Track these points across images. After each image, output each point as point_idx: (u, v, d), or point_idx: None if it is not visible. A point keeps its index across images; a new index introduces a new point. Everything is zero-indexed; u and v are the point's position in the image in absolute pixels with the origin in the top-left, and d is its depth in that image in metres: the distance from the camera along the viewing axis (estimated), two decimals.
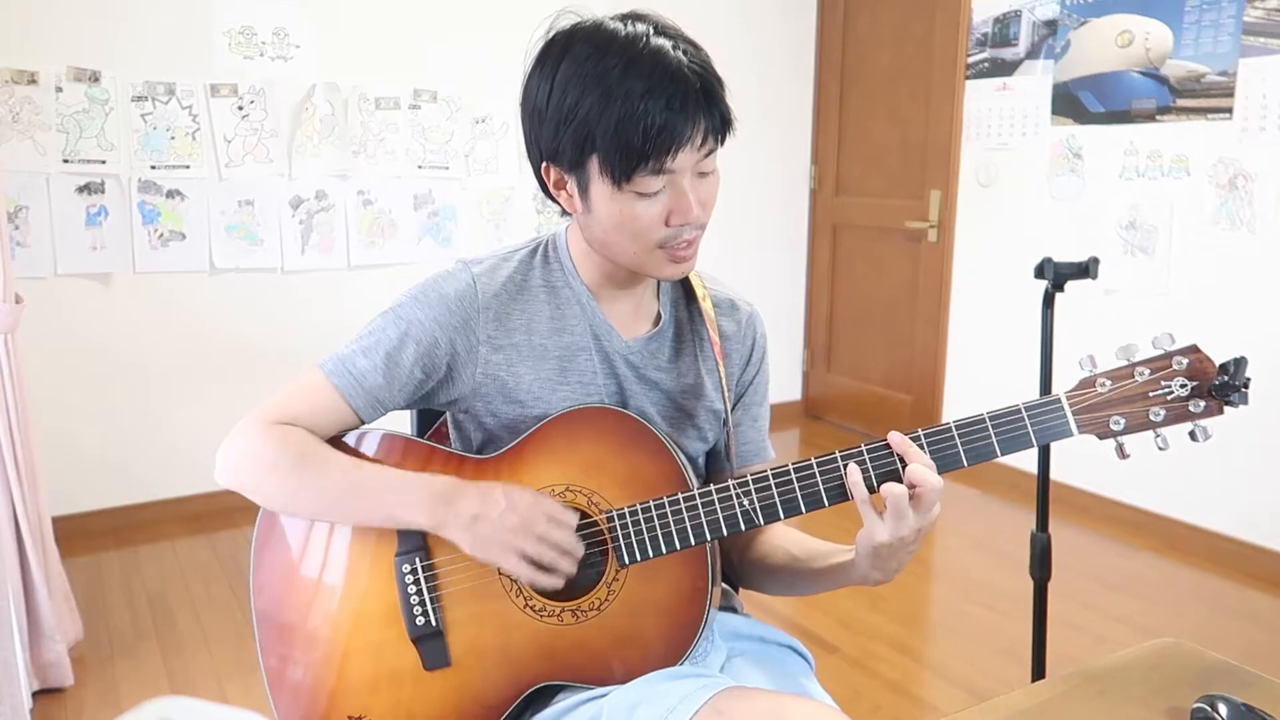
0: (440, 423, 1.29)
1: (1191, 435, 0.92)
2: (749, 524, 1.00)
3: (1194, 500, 3.15)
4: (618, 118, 0.96)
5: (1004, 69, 3.62)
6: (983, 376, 3.86)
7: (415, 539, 1.07)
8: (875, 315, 4.37)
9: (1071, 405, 0.94)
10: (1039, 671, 1.93)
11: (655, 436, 1.06)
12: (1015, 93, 3.59)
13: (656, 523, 1.02)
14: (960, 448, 0.96)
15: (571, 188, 1.05)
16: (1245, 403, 0.90)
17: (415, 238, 3.67)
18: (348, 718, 1.07)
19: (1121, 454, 0.95)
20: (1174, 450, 0.95)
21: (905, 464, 0.95)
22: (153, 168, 3.18)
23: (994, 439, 0.95)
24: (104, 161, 3.11)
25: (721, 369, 1.16)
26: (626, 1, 1.13)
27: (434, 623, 1.06)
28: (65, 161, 3.06)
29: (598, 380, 1.13)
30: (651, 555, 1.02)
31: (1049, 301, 1.78)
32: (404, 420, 1.32)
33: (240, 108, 3.30)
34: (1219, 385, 0.91)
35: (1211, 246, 3.05)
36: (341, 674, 1.08)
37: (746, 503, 1.00)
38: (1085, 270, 1.71)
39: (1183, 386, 0.92)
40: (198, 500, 3.38)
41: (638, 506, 1.03)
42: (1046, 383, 1.77)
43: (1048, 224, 3.53)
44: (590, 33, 1.00)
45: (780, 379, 4.67)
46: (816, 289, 4.66)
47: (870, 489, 0.96)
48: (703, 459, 1.24)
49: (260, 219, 3.38)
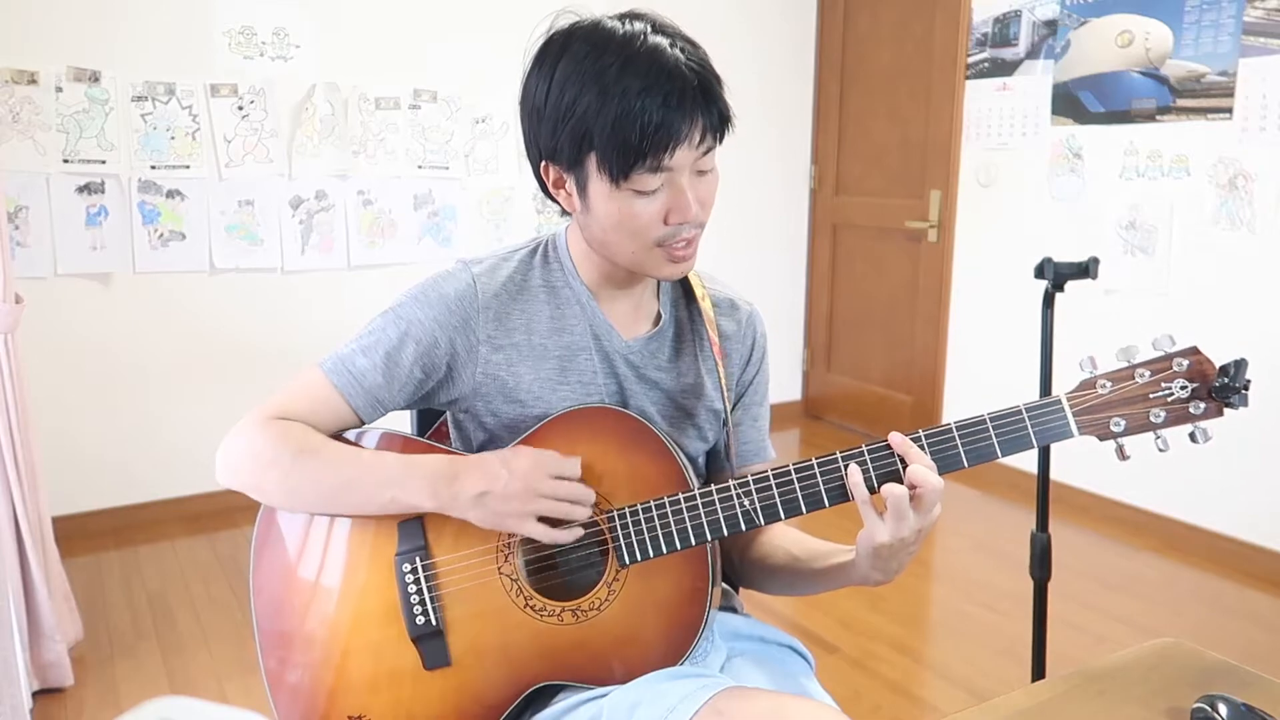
0: (440, 422, 1.29)
1: (1191, 437, 0.92)
2: (749, 524, 1.00)
3: (1194, 500, 3.15)
4: (615, 115, 0.96)
5: (1004, 69, 3.62)
6: (983, 376, 3.85)
7: (416, 538, 1.07)
8: (875, 315, 4.37)
9: (1072, 406, 0.94)
10: (1039, 671, 1.93)
11: (656, 436, 1.06)
12: (1015, 93, 3.59)
13: (657, 522, 1.02)
14: (961, 448, 0.96)
15: (570, 186, 1.05)
16: (1245, 405, 0.90)
17: (415, 238, 3.67)
18: (348, 717, 1.07)
19: (1121, 455, 0.95)
20: (1174, 450, 0.95)
21: (906, 465, 0.95)
22: (153, 168, 3.18)
23: (994, 440, 0.95)
24: (104, 161, 3.11)
25: (721, 369, 1.17)
26: (626, 1, 1.13)
27: (434, 622, 1.06)
28: (65, 161, 3.06)
29: (598, 380, 1.13)
30: (652, 555, 1.02)
31: (1049, 301, 1.78)
32: (404, 420, 1.32)
33: (240, 108, 3.30)
34: (1219, 387, 0.91)
35: (1211, 246, 3.05)
36: (341, 673, 1.08)
37: (747, 503, 1.00)
38: (1085, 270, 1.71)
39: (1183, 388, 0.92)
40: (198, 500, 3.38)
41: (638, 506, 1.03)
42: (1046, 383, 1.77)
43: (1048, 224, 3.53)
44: (588, 31, 1.00)
45: (780, 379, 4.67)
46: (816, 289, 4.66)
47: (871, 489, 0.96)
48: (703, 459, 1.24)
49: (260, 219, 3.38)
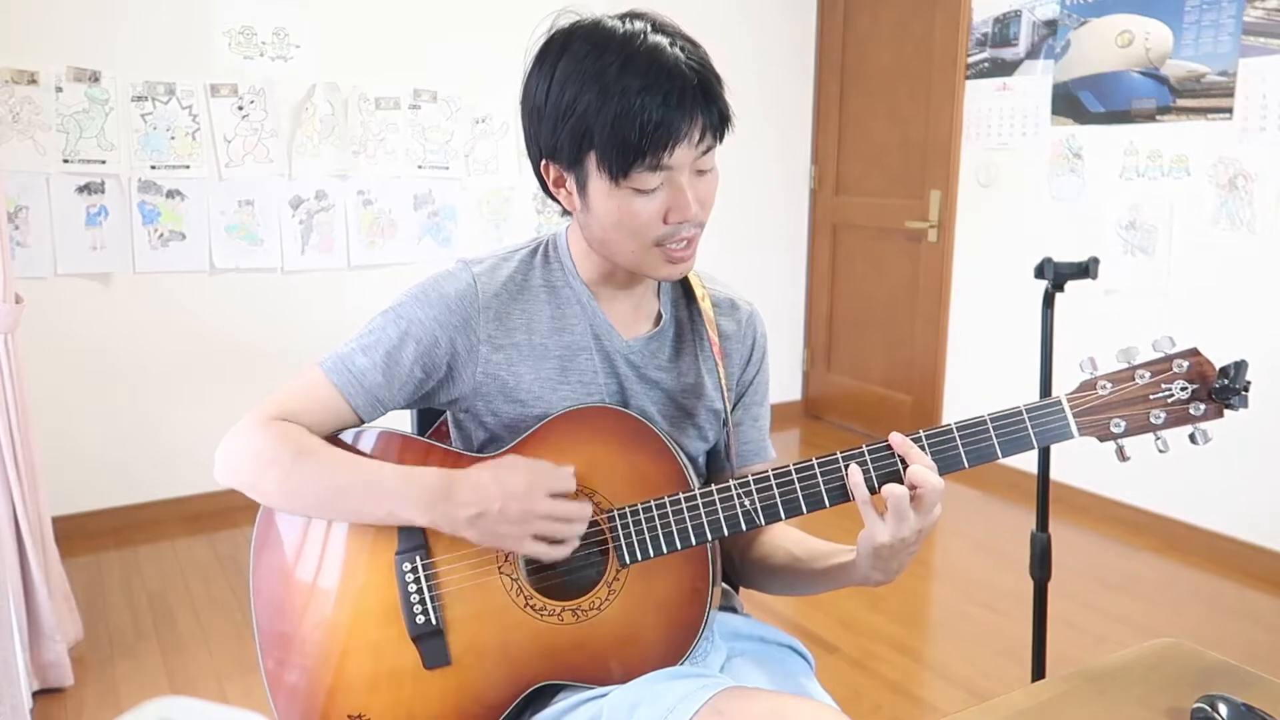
0: (440, 422, 1.29)
1: (1191, 438, 0.92)
2: (750, 524, 1.00)
3: (1194, 500, 3.15)
4: (615, 114, 0.96)
5: (1004, 69, 3.62)
6: (983, 376, 3.85)
7: (416, 537, 1.07)
8: (875, 315, 4.37)
9: (1072, 407, 0.94)
10: (1039, 671, 1.93)
11: (656, 436, 1.06)
12: (1015, 93, 3.59)
13: (657, 522, 1.02)
14: (961, 449, 0.96)
15: (570, 185, 1.05)
16: (1245, 406, 0.90)
17: (415, 238, 3.67)
18: (347, 716, 1.07)
19: (1121, 456, 0.95)
20: (1174, 451, 0.95)
21: (906, 465, 0.95)
22: (153, 168, 3.18)
23: (995, 440, 0.95)
24: (104, 161, 3.11)
25: (721, 369, 1.17)
26: (626, 1, 1.13)
27: (434, 621, 1.06)
28: (65, 161, 3.06)
29: (598, 380, 1.13)
30: (652, 555, 1.02)
31: (1049, 301, 1.78)
32: (404, 420, 1.32)
33: (240, 108, 3.30)
34: (1219, 388, 0.91)
35: (1211, 246, 3.05)
36: (341, 673, 1.07)
37: (747, 502, 1.00)
38: (1085, 270, 1.71)
39: (1183, 389, 0.92)
40: (198, 500, 3.38)
41: (638, 506, 1.03)
42: (1046, 383, 1.77)
43: (1048, 224, 3.53)
44: (589, 30, 1.00)
45: (780, 379, 4.67)
46: (816, 289, 4.66)
47: (871, 490, 0.96)
48: (703, 459, 1.24)
49: (260, 219, 3.38)
